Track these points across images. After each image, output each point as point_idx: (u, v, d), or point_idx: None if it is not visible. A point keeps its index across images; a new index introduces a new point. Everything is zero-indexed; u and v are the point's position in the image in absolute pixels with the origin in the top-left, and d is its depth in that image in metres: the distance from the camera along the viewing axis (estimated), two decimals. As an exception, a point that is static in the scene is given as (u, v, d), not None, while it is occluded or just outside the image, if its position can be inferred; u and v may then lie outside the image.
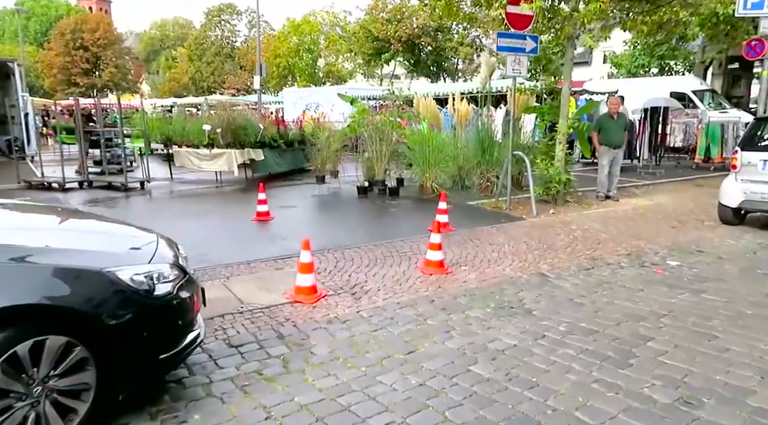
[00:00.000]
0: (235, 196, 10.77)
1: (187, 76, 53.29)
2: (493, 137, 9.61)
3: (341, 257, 6.05)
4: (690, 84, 18.86)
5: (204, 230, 7.37)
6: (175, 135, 12.15)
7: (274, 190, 11.07)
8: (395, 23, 34.56)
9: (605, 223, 7.80)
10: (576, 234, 7.12)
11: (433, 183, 9.58)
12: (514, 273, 5.54)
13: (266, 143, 12.36)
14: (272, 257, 6.02)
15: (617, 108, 9.33)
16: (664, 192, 10.48)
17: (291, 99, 23.56)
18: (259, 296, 4.79)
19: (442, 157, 9.62)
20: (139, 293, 2.86)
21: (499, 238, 6.91)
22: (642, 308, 4.48)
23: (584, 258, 6.07)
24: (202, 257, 6.02)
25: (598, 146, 9.49)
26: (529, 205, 8.83)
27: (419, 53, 36.54)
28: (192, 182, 12.38)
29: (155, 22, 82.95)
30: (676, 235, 7.14)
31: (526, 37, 8.19)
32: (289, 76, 46.05)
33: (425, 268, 5.58)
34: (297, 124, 14.16)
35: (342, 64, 46.35)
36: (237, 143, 11.66)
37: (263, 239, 7.00)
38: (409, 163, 10.53)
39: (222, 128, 11.42)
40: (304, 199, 9.92)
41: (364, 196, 9.94)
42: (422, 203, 9.34)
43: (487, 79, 9.87)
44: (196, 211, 8.79)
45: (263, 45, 45.95)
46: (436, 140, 9.62)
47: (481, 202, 9.20)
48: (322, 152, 10.05)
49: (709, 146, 13.58)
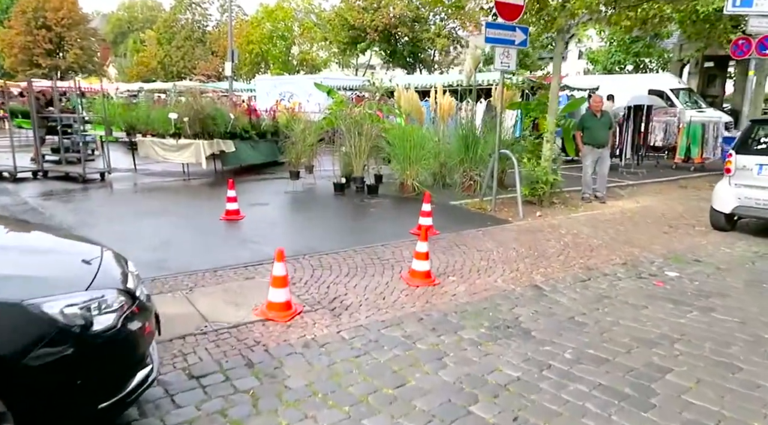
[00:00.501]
0: (203, 191, 10.10)
1: (155, 61, 51.47)
2: (477, 133, 9.16)
3: (318, 264, 5.52)
4: (668, 82, 18.78)
5: (166, 231, 6.74)
6: (139, 123, 11.37)
7: (245, 185, 10.43)
8: (371, 12, 33.81)
9: (595, 227, 7.45)
10: (566, 240, 6.74)
11: (414, 181, 9.09)
12: (506, 285, 5.11)
13: (237, 133, 11.69)
14: (242, 263, 5.45)
15: (600, 106, 8.98)
16: (649, 194, 10.22)
17: (264, 87, 22.73)
18: (226, 313, 4.24)
19: (423, 153, 9.14)
20: (71, 329, 2.30)
21: (487, 243, 6.48)
22: (651, 330, 4.09)
23: (579, 268, 5.68)
24: (163, 263, 5.42)
25: (581, 145, 9.15)
26: (514, 206, 8.43)
27: (396, 44, 35.90)
28: (157, 174, 11.63)
29: (123, 3, 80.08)
30: (669, 241, 6.83)
31: (515, 28, 7.74)
32: (262, 63, 44.87)
33: (411, 279, 5.10)
34: (270, 114, 13.48)
35: (317, 52, 45.38)
36: (206, 133, 10.96)
37: (232, 242, 6.42)
38: (388, 158, 10.03)
39: (189, 116, 10.70)
40: (277, 196, 9.32)
41: (341, 193, 9.40)
42: (403, 203, 8.86)
43: (472, 73, 9.40)
44: (159, 207, 8.12)
45: (236, 31, 44.67)
46: (417, 135, 9.12)
47: (465, 202, 8.77)
48: (296, 146, 9.46)
49: (689, 145, 13.43)
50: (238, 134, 11.70)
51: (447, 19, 36.26)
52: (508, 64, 7.81)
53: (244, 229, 7.03)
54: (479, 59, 9.54)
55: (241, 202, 7.89)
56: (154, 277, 4.94)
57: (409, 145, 9.07)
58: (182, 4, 51.92)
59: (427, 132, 9.62)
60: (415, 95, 9.71)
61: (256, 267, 5.37)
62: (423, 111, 9.90)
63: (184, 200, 9.03)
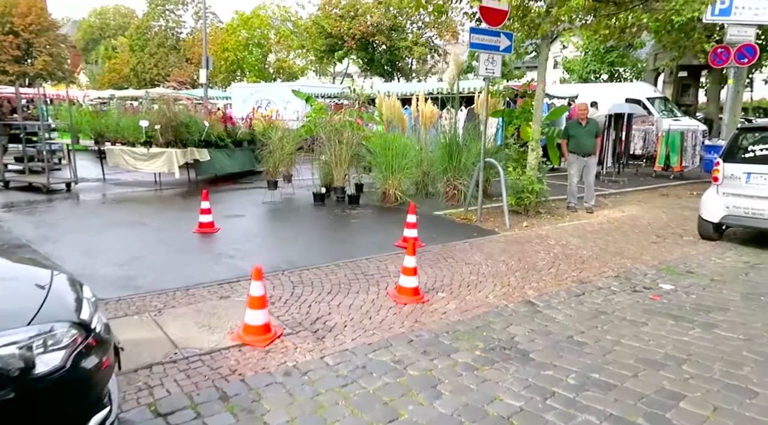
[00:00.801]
0: (176, 201, 9.66)
1: (128, 68, 50.44)
2: (461, 142, 8.93)
3: (299, 280, 5.18)
4: (644, 91, 18.91)
5: (135, 245, 6.32)
6: (108, 131, 10.88)
7: (220, 195, 10.04)
8: (349, 20, 33.65)
9: (583, 238, 7.25)
10: (556, 251, 6.52)
11: (397, 191, 8.81)
12: (498, 301, 4.84)
13: (212, 142, 11.29)
14: (216, 280, 5.08)
15: (585, 114, 8.84)
16: (632, 203, 10.12)
17: (240, 95, 22.29)
18: (199, 338, 3.88)
19: (405, 162, 8.87)
20: (8, 374, 1.94)
21: (475, 256, 6.21)
22: (655, 350, 3.86)
23: (571, 281, 5.45)
24: (130, 281, 5.02)
25: (566, 154, 9.00)
26: (499, 216, 8.22)
27: (373, 52, 35.77)
28: (127, 184, 11.13)
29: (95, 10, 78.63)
30: (659, 252, 6.66)
31: (500, 34, 7.55)
32: (237, 71, 44.29)
33: (398, 296, 4.79)
34: (246, 122, 13.09)
35: (293, 60, 45.00)
36: (178, 141, 10.54)
37: (206, 257, 6.03)
38: (369, 167, 9.74)
39: (162, 124, 10.27)
40: (254, 206, 8.94)
41: (321, 203, 9.06)
42: (385, 213, 8.56)
43: (455, 79, 9.19)
44: (128, 220, 7.67)
45: (211, 38, 44.02)
46: (399, 143, 8.86)
47: (449, 212, 8.51)
48: (274, 154, 9.10)
49: (668, 154, 13.44)
50: (213, 142, 11.30)
51: (424, 28, 36.38)
52: (493, 70, 7.60)
53: (218, 243, 6.65)
54: (463, 66, 9.33)
55: (216, 213, 7.51)
56: (119, 297, 4.56)
57: (391, 153, 8.80)
58: (156, 11, 51.09)
59: (409, 140, 9.37)
60: (397, 103, 9.47)
61: (231, 285, 5.00)
62: (405, 119, 9.65)
63: (155, 212, 8.59)
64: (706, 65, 22.17)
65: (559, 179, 11.61)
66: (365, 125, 10.87)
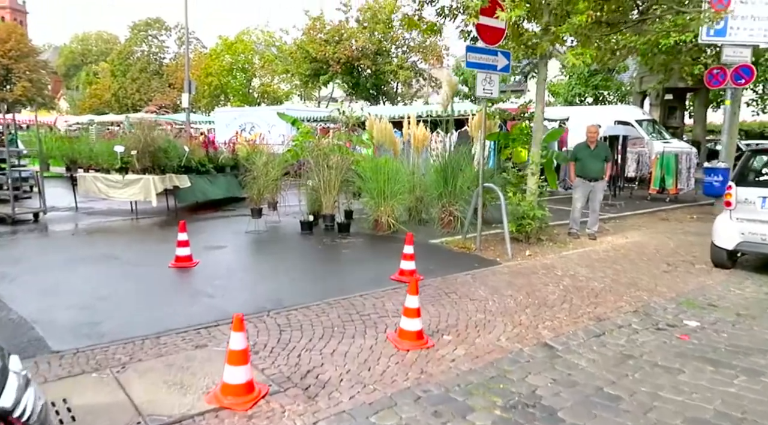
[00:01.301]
0: (153, 232, 9.03)
1: (109, 93, 49.84)
2: (456, 166, 8.48)
3: (286, 323, 4.60)
4: (633, 113, 18.81)
5: (103, 283, 5.69)
6: (81, 157, 10.27)
7: (200, 224, 9.45)
8: (333, 44, 33.55)
9: (591, 267, 6.77)
10: (565, 283, 6.02)
11: (390, 218, 8.30)
12: (511, 344, 4.30)
13: (192, 167, 10.73)
14: (192, 325, 4.48)
15: (596, 136, 8.44)
16: (634, 228, 9.71)
17: (223, 119, 21.80)
18: (168, 400, 3.27)
19: (398, 188, 8.38)
20: None
21: (479, 290, 5.68)
22: (701, 405, 3.34)
23: (588, 318, 4.94)
24: (93, 328, 4.40)
25: (573, 177, 8.60)
26: (500, 244, 7.75)
27: (358, 76, 35.65)
28: (101, 213, 10.48)
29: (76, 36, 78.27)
30: (673, 282, 6.20)
31: (497, 52, 7.18)
32: (221, 96, 43.91)
33: (399, 341, 4.23)
34: (229, 146, 12.57)
35: (278, 84, 44.76)
36: (156, 167, 9.97)
37: (182, 296, 5.42)
38: (358, 193, 9.24)
39: (138, 149, 9.70)
40: (236, 237, 8.35)
41: (309, 232, 8.51)
42: (378, 243, 8.03)
43: (449, 100, 8.79)
44: (98, 254, 7.02)
45: (194, 63, 43.68)
46: (391, 167, 8.38)
47: (446, 240, 8.01)
48: (258, 180, 8.55)
49: (663, 176, 13.15)
50: (193, 167, 10.74)
51: (409, 52, 36.45)
52: (490, 90, 7.20)
53: (196, 279, 6.04)
54: (456, 86, 8.94)
55: (195, 245, 6.92)
56: (77, 349, 3.94)
57: (383, 178, 8.31)
58: (138, 36, 50.80)
59: (401, 164, 8.90)
60: (388, 125, 9.02)
61: (210, 330, 4.41)
62: (397, 142, 9.20)
63: (128, 244, 7.95)
64: (692, 88, 22.28)
65: (557, 204, 11.22)
66: (353, 148, 10.42)
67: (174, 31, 50.95)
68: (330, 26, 34.34)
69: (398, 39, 35.98)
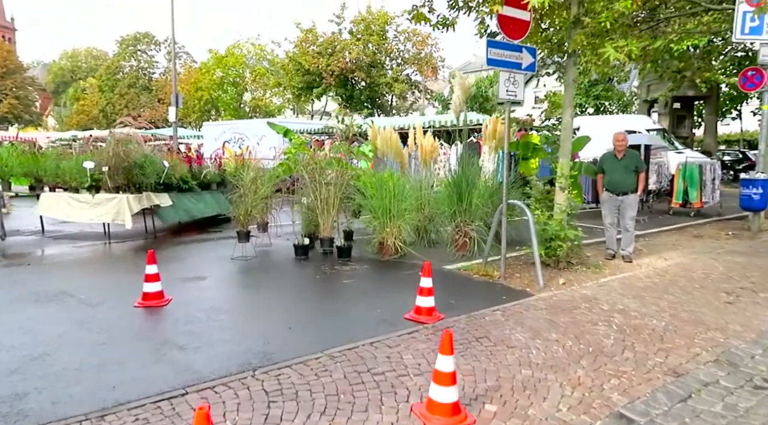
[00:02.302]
0: (124, 260, 7.91)
1: (97, 109, 48.74)
2: (471, 180, 7.44)
3: (276, 389, 3.50)
4: (643, 123, 17.95)
5: (45, 334, 4.55)
6: (46, 174, 9.16)
7: (179, 250, 8.34)
8: (327, 56, 32.71)
9: (640, 298, 5.71)
10: (617, 321, 4.95)
11: (396, 240, 7.23)
12: (576, 417, 3.23)
13: (173, 184, 9.64)
14: (152, 395, 3.37)
15: (624, 145, 7.45)
16: (668, 247, 8.68)
17: (212, 133, 20.76)
18: None
19: (406, 206, 7.33)
20: None
21: (516, 333, 4.60)
22: None
23: (662, 373, 3.87)
24: (15, 403, 3.29)
25: (600, 191, 7.60)
26: (525, 269, 6.72)
27: (352, 88, 34.78)
28: (70, 238, 9.33)
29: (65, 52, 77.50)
30: (744, 317, 5.15)
31: (522, 49, 6.18)
32: (212, 110, 42.90)
33: (429, 416, 3.14)
34: (215, 161, 11.50)
35: (270, 98, 43.83)
36: (132, 185, 8.88)
37: (144, 349, 4.28)
38: (357, 211, 8.18)
39: (110, 165, 8.61)
40: (220, 265, 7.23)
41: (305, 258, 7.41)
42: (385, 270, 6.94)
43: (462, 107, 7.77)
44: (52, 290, 5.88)
45: (184, 77, 42.75)
46: (397, 183, 7.33)
47: (462, 265, 6.93)
48: (245, 199, 7.47)
49: (686, 189, 12.18)
50: (174, 185, 9.65)
51: (404, 64, 35.67)
52: (514, 92, 6.20)
53: (166, 322, 4.92)
54: (471, 90, 7.94)
55: (171, 276, 5.86)
56: (-18, 444, 2.82)
57: (389, 195, 7.26)
58: (127, 51, 49.86)
59: (408, 179, 7.84)
60: (394, 135, 7.95)
61: (173, 403, 3.30)
62: (404, 154, 8.14)
63: (91, 276, 6.82)
64: (700, 96, 21.51)
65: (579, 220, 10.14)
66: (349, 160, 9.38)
67: (163, 45, 50.04)
68: (323, 38, 33.54)
69: (392, 51, 35.24)
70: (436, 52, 35.80)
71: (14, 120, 55.78)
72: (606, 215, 7.57)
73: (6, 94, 54.10)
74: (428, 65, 35.87)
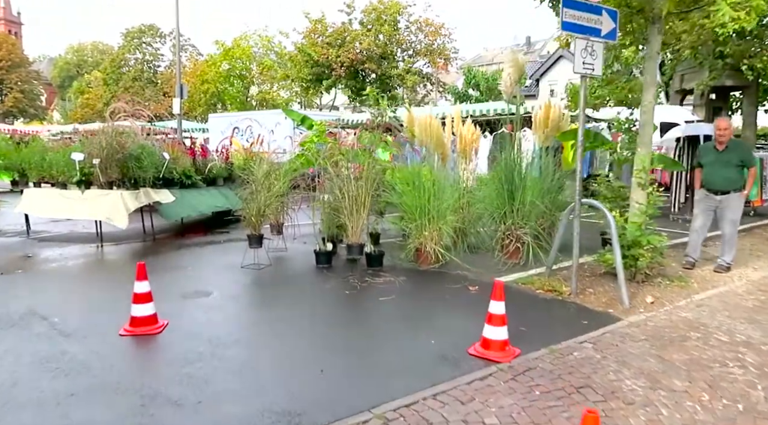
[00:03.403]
0: (116, 268, 6.80)
1: (101, 102, 47.70)
2: (523, 174, 6.26)
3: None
4: (681, 115, 16.66)
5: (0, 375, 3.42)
6: (31, 167, 8.06)
7: (180, 256, 7.22)
8: (336, 47, 31.51)
9: (758, 324, 4.51)
10: (750, 360, 3.77)
11: (437, 246, 6.07)
12: None
13: (174, 179, 8.53)
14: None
15: (727, 135, 6.16)
16: (746, 253, 7.43)
17: (218, 126, 19.66)
18: None
19: (446, 205, 6.16)
20: None
21: (625, 379, 3.43)
22: None
23: None
24: None
25: (697, 187, 6.43)
26: (596, 282, 5.57)
27: (363, 80, 33.56)
28: (58, 240, 8.23)
29: (71, 47, 76.81)
30: None
31: (601, 10, 4.99)
32: (218, 104, 41.75)
33: None
34: (222, 153, 10.37)
35: (277, 92, 42.64)
36: (127, 180, 7.76)
37: (123, 406, 3.13)
38: (381, 210, 7.01)
39: (101, 157, 7.49)
40: (228, 275, 6.08)
41: (327, 266, 6.26)
42: (427, 283, 5.77)
43: (514, 87, 6.57)
44: (19, 311, 4.73)
45: (189, 70, 41.63)
46: (434, 179, 6.15)
47: (519, 278, 5.75)
48: (257, 197, 6.31)
49: (743, 185, 10.90)
50: (175, 179, 8.54)
51: (415, 56, 34.43)
52: (591, 65, 5.01)
53: (158, 361, 3.78)
54: (524, 69, 6.74)
55: (168, 291, 4.76)
56: None
57: (427, 194, 6.08)
58: (131, 44, 48.84)
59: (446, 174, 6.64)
60: (435, 121, 6.67)
61: None
62: (447, 145, 6.85)
63: (74, 291, 5.69)
64: (737, 86, 20.11)
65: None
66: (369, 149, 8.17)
67: (169, 38, 48.98)
68: (332, 28, 32.32)
69: (404, 42, 34.00)
70: (450, 43, 34.53)
71: (19, 114, 55.09)
72: (697, 216, 6.38)
73: (11, 88, 53.45)
74: (441, 56, 34.59)
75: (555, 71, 42.14)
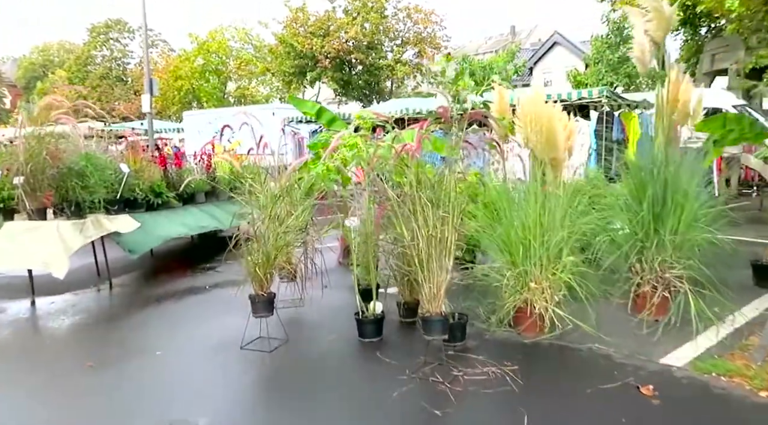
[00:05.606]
0: (51, 347, 4.44)
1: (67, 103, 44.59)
2: (677, 187, 4.07)
3: None
4: (727, 98, 14.64)
5: None
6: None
7: (145, 323, 4.86)
8: (321, 37, 29.05)
9: None
10: None
11: (551, 306, 3.83)
12: None
13: (138, 199, 6.18)
14: None
15: None
16: None
17: (194, 125, 17.18)
18: None
19: (559, 240, 3.91)
20: None
21: None
22: None
23: None
24: None
25: None
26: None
27: (350, 72, 31.18)
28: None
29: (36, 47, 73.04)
30: None
31: None
32: (194, 101, 38.93)
33: None
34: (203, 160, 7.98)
35: (256, 87, 39.98)
36: (68, 204, 5.40)
37: None
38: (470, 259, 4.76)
39: (25, 174, 5.11)
40: (220, 366, 3.76)
41: (377, 339, 3.97)
42: (558, 375, 3.51)
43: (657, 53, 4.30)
44: None
45: (161, 66, 38.75)
46: (546, 202, 3.92)
47: (698, 363, 3.52)
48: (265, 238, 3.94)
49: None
50: (139, 199, 6.19)
51: (404, 45, 32.14)
52: None
53: None
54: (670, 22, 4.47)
55: (124, 411, 2.40)
56: None
57: (532, 221, 3.84)
58: (98, 40, 45.67)
59: (554, 192, 4.37)
60: (549, 109, 4.21)
61: None
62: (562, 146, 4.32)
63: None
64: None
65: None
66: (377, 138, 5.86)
67: (138, 33, 45.88)
68: (315, 17, 29.84)
69: (392, 30, 31.67)
70: (441, 30, 32.29)
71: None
72: None
73: (-30, 91, 49.92)
74: (431, 45, 32.30)
75: (549, 59, 40.19)
